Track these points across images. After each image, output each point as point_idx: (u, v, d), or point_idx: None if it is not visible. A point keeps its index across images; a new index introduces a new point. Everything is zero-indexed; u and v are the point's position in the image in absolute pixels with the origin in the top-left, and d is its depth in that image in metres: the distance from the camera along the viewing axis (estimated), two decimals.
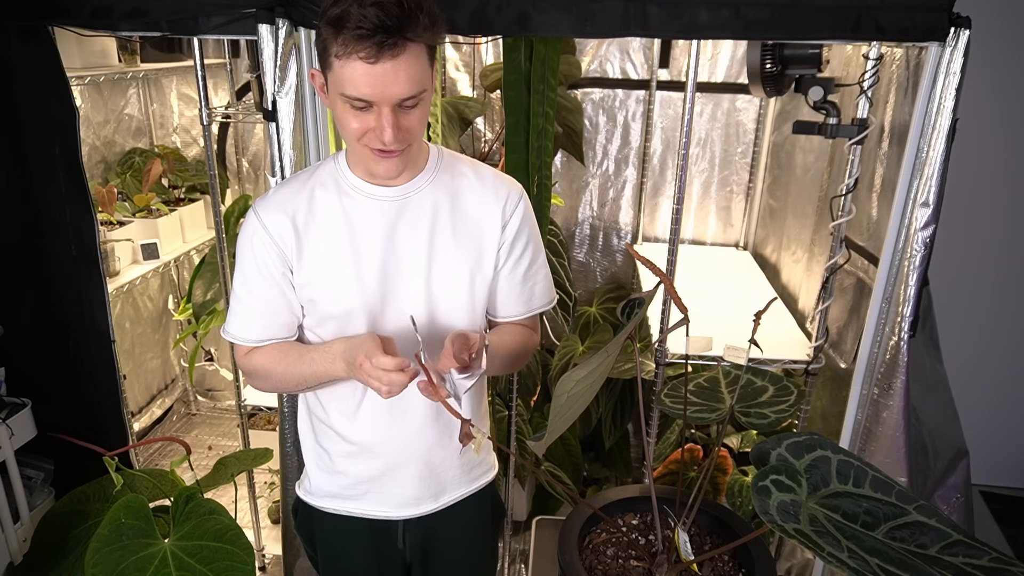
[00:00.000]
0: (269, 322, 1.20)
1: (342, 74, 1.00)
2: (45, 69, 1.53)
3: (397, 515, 1.30)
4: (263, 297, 1.18)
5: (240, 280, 1.19)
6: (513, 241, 1.21)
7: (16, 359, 1.68)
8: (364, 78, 0.99)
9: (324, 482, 1.31)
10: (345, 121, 1.05)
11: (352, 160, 1.16)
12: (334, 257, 1.15)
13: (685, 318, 1.19)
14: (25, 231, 1.62)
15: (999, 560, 0.95)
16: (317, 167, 1.20)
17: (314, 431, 1.31)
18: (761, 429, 1.45)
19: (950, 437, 1.68)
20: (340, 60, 0.99)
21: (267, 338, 1.21)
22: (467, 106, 2.53)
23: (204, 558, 1.34)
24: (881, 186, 1.69)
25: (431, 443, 1.26)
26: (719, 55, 2.59)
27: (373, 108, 1.02)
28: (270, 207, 1.15)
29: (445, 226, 1.16)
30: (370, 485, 1.28)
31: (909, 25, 1.35)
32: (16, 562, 1.57)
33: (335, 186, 1.16)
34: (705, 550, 1.34)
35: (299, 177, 1.19)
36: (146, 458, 2.89)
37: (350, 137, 1.07)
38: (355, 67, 0.98)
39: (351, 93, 1.01)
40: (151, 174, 2.65)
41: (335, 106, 1.06)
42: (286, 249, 1.15)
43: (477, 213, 1.18)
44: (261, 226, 1.15)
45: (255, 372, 1.23)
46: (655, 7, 1.37)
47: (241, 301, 1.20)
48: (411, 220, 1.15)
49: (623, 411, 2.47)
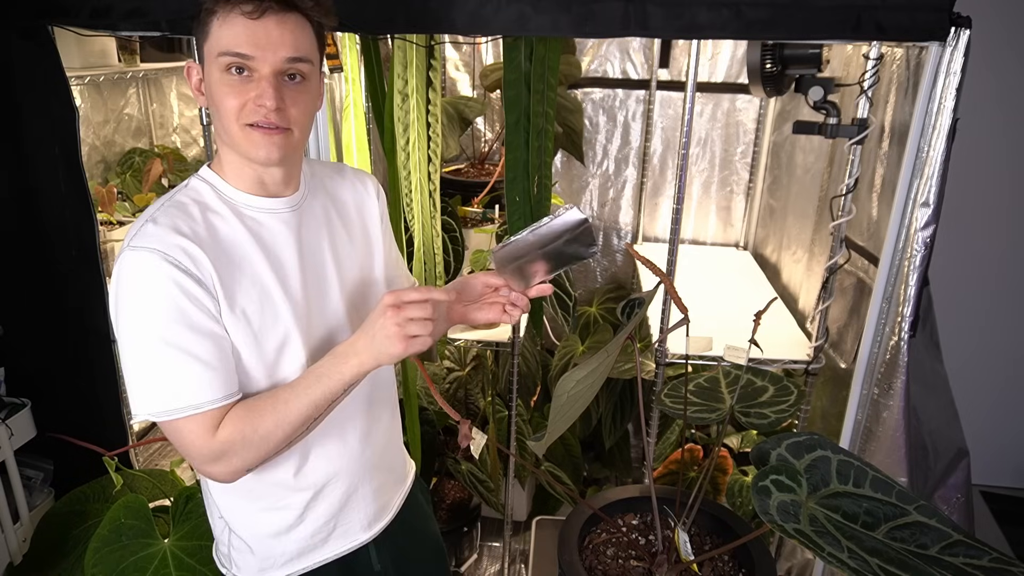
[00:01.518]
0: (228, 370, 0.98)
1: (220, 33, 0.94)
2: (45, 69, 1.53)
3: (365, 538, 1.21)
4: (211, 340, 0.96)
5: (160, 343, 0.93)
6: (384, 222, 1.22)
7: (16, 359, 1.68)
8: (244, 33, 0.94)
9: (279, 548, 1.14)
10: (221, 98, 0.96)
11: (231, 172, 1.03)
12: (262, 287, 1.01)
13: (685, 318, 1.19)
14: (25, 231, 1.62)
15: (999, 560, 0.94)
16: (180, 197, 1.01)
17: (249, 503, 1.12)
18: (761, 429, 1.45)
19: (950, 437, 1.68)
20: (220, 19, 0.95)
21: (234, 392, 0.98)
22: (467, 106, 2.53)
23: (204, 558, 1.33)
24: (881, 186, 1.69)
25: (375, 448, 1.21)
26: (719, 55, 2.59)
27: (253, 79, 0.96)
28: (169, 243, 0.94)
29: (337, 227, 1.13)
30: (336, 521, 1.17)
31: (909, 25, 1.35)
32: (16, 562, 1.57)
33: (228, 209, 1.02)
34: (705, 550, 1.34)
35: (171, 209, 0.98)
36: (146, 458, 2.89)
37: (228, 117, 0.97)
38: (235, 22, 0.94)
39: (227, 50, 0.94)
40: (151, 174, 2.65)
41: (211, 86, 0.97)
42: (211, 286, 0.96)
43: (358, 204, 1.18)
44: (170, 262, 0.93)
45: (233, 444, 0.96)
46: (655, 7, 1.37)
47: (180, 362, 0.94)
48: (311, 229, 1.09)
49: (623, 411, 2.47)
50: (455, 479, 2.35)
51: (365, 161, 1.73)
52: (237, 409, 0.98)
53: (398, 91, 1.65)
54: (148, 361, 0.94)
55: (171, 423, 0.96)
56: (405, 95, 1.66)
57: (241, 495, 1.11)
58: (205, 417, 0.95)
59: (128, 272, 0.94)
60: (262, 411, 0.97)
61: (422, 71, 1.65)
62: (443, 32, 1.51)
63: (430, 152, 1.73)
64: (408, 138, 1.69)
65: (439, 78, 1.72)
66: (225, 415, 0.97)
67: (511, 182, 1.66)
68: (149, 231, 0.95)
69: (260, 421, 0.97)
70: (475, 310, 1.16)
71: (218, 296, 0.97)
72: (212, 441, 0.96)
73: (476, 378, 2.45)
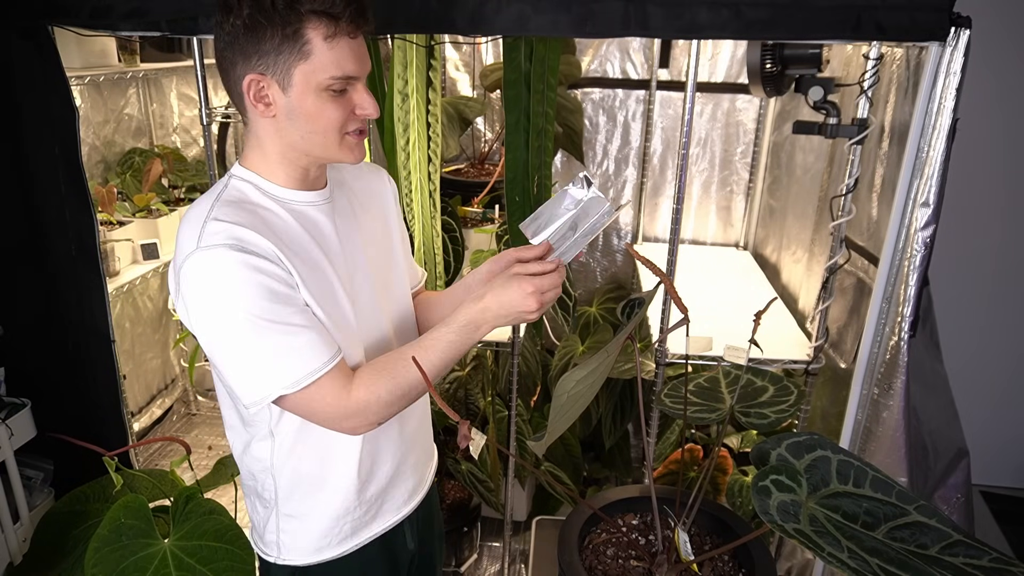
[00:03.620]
0: (325, 331, 1.03)
1: (329, 57, 0.97)
2: (45, 69, 1.53)
3: (406, 511, 1.27)
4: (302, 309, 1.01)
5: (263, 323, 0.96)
6: (397, 211, 1.27)
7: (16, 359, 1.68)
8: (352, 56, 0.99)
9: (336, 528, 1.19)
10: (323, 115, 1.00)
11: (277, 170, 1.05)
12: (321, 273, 1.05)
13: (685, 318, 1.18)
14: (25, 231, 1.62)
15: (999, 560, 0.94)
16: (226, 196, 1.03)
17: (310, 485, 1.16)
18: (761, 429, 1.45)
19: (950, 437, 1.68)
20: (328, 43, 0.97)
21: (340, 351, 1.03)
22: (467, 106, 2.53)
23: (204, 558, 1.33)
24: (881, 186, 1.69)
25: (414, 423, 1.26)
26: (719, 55, 2.59)
27: (346, 91, 1.01)
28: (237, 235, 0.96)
29: (362, 217, 1.17)
30: (384, 497, 1.22)
31: (909, 25, 1.35)
32: (16, 562, 1.57)
33: (275, 204, 1.05)
34: (705, 550, 1.34)
35: (225, 208, 1.00)
36: (146, 458, 2.89)
37: (330, 130, 1.01)
38: (343, 45, 0.98)
39: (341, 74, 0.98)
40: (151, 174, 2.65)
41: (306, 104, 0.99)
42: (286, 266, 1.00)
43: (375, 195, 1.22)
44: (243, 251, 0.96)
45: (369, 404, 1.02)
46: (655, 7, 1.37)
47: (289, 334, 0.98)
48: (344, 218, 1.13)
49: (623, 411, 2.47)
50: (455, 479, 2.35)
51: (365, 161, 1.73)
52: (365, 369, 1.05)
53: (398, 91, 1.65)
54: (257, 343, 0.97)
55: (303, 392, 1.00)
56: (405, 95, 1.66)
57: (301, 478, 1.15)
58: (331, 377, 1.00)
59: (207, 270, 0.96)
60: (395, 369, 1.03)
61: (422, 71, 1.65)
62: (443, 32, 1.51)
63: (430, 152, 1.73)
64: (408, 138, 1.69)
65: (439, 78, 1.72)
66: (358, 372, 1.04)
67: (511, 182, 1.66)
68: (214, 229, 0.97)
69: (395, 376, 1.03)
70: None
71: (293, 275, 1.01)
72: (348, 400, 1.01)
73: (476, 378, 2.45)
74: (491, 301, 1.06)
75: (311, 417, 1.05)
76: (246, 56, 0.98)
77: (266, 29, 0.95)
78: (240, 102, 1.03)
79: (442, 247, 1.90)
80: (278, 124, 1.02)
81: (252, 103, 1.00)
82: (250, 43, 0.97)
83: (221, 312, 0.97)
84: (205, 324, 0.99)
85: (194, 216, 1.00)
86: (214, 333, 0.99)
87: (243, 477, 1.23)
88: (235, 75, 1.00)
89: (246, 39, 0.97)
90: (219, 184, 1.06)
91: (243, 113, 1.05)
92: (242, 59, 0.98)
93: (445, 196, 2.05)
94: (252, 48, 0.97)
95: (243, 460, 1.19)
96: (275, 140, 1.03)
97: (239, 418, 1.15)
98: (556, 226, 1.09)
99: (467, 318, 1.06)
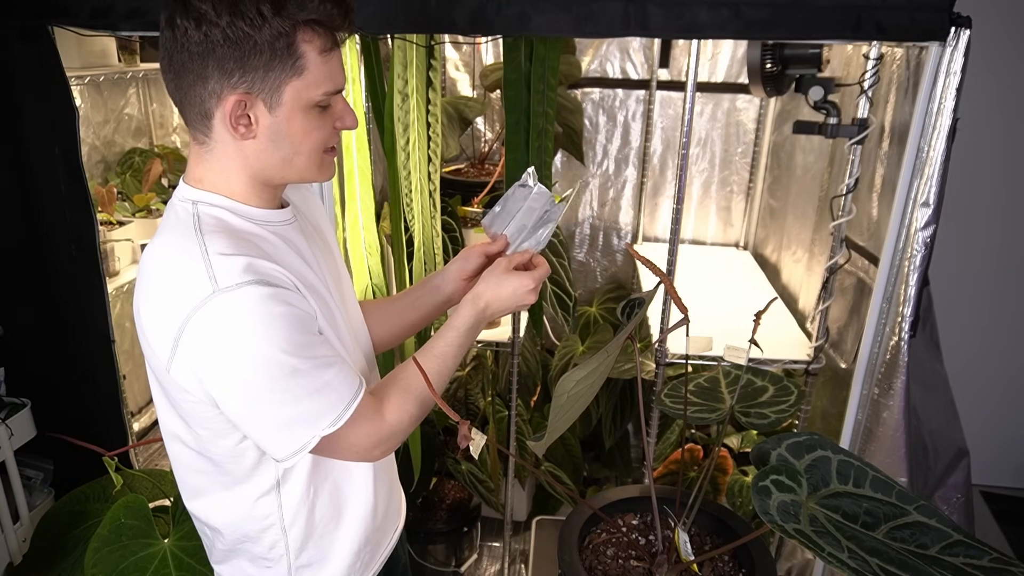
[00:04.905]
0: (347, 359, 0.99)
1: (323, 72, 0.89)
2: (45, 69, 1.53)
3: (399, 523, 1.24)
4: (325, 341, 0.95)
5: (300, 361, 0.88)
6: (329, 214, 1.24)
7: (16, 359, 1.68)
8: (339, 68, 0.92)
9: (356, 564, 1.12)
10: (310, 136, 0.92)
11: (248, 192, 0.95)
12: (316, 292, 0.98)
13: (685, 318, 1.18)
14: (25, 231, 1.61)
15: (999, 560, 0.95)
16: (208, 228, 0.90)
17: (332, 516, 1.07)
18: (761, 429, 1.45)
19: (950, 437, 1.68)
20: (323, 56, 0.88)
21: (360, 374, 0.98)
22: (467, 106, 2.53)
23: (204, 558, 1.33)
24: (881, 186, 1.69)
25: None
26: (719, 55, 2.59)
27: (330, 105, 0.93)
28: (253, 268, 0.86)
29: (311, 230, 1.08)
30: (387, 509, 1.18)
31: (909, 25, 1.35)
32: (16, 562, 1.57)
33: (255, 226, 0.95)
34: (705, 550, 1.34)
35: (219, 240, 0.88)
36: (146, 458, 2.89)
37: (314, 150, 0.93)
38: (337, 57, 0.91)
39: (334, 88, 0.91)
40: (151, 174, 2.65)
41: (294, 124, 0.90)
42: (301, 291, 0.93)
43: (312, 200, 1.15)
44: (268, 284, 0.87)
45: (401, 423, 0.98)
46: (655, 7, 1.37)
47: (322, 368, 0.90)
48: (309, 235, 1.05)
49: (623, 411, 2.47)
50: (455, 479, 2.35)
51: (365, 161, 1.73)
52: (388, 390, 1.00)
53: (398, 91, 1.65)
54: (295, 385, 0.88)
55: (342, 428, 0.92)
56: (405, 95, 1.66)
57: (316, 523, 1.05)
58: (364, 404, 0.94)
59: (237, 313, 0.84)
60: (417, 386, 1.00)
61: (422, 71, 1.65)
62: (443, 32, 1.51)
63: (430, 152, 1.73)
64: (408, 138, 1.69)
65: (439, 78, 1.72)
66: (381, 394, 0.99)
67: (511, 182, 1.66)
68: (227, 266, 0.85)
69: (420, 397, 0.99)
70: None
71: (310, 301, 0.94)
72: (383, 425, 0.96)
73: (476, 378, 2.45)
74: (491, 298, 1.08)
75: (341, 453, 0.96)
76: (224, 72, 0.85)
77: (252, 42, 0.84)
78: (205, 121, 0.90)
79: (442, 247, 1.90)
80: (258, 146, 0.90)
81: (230, 125, 0.88)
82: (230, 57, 0.84)
83: (254, 358, 0.85)
84: (232, 375, 0.86)
85: (179, 255, 0.87)
86: (244, 384, 0.87)
87: (220, 543, 1.07)
88: (204, 91, 0.87)
89: (225, 52, 0.84)
90: (184, 213, 0.91)
91: (204, 132, 0.91)
92: (217, 75, 0.85)
93: (445, 196, 2.05)
94: (233, 63, 0.84)
95: (228, 525, 1.04)
96: (248, 163, 0.92)
97: (222, 479, 1.00)
98: (512, 222, 1.17)
99: (470, 320, 1.06)
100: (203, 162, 0.93)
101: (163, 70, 0.90)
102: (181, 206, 0.93)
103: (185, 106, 0.90)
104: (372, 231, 1.80)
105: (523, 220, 1.17)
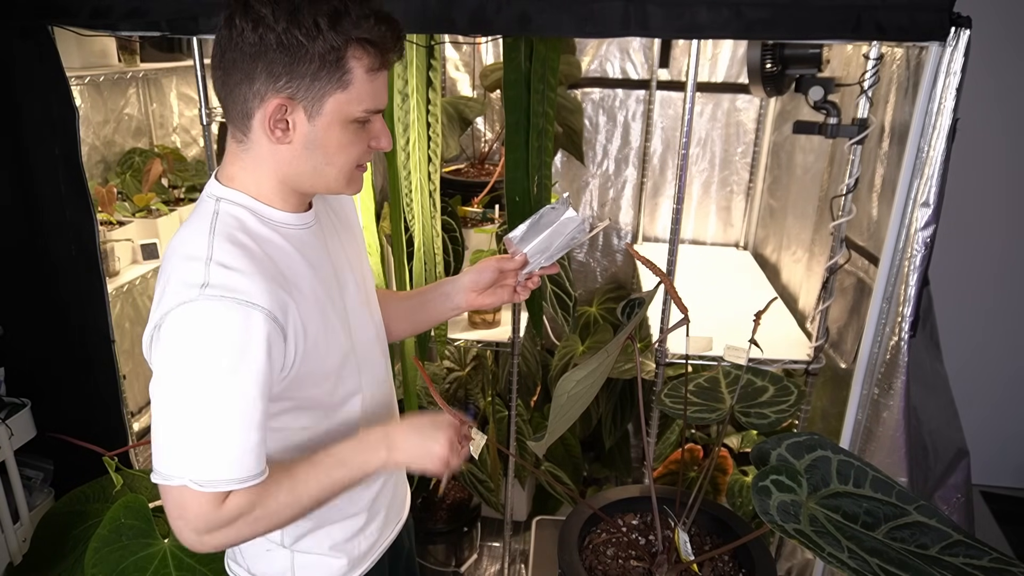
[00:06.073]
0: (261, 443, 0.91)
1: (368, 90, 0.91)
2: (45, 69, 1.53)
3: (403, 516, 1.26)
4: (262, 413, 0.90)
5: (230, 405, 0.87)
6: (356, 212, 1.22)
7: (16, 359, 1.68)
8: (383, 88, 0.94)
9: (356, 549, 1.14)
10: (344, 150, 0.94)
11: (275, 195, 0.97)
12: (320, 307, 0.98)
13: (685, 318, 1.19)
14: (25, 231, 1.61)
15: (999, 560, 0.95)
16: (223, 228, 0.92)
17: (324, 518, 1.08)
18: (761, 429, 1.45)
19: (950, 437, 1.68)
20: (370, 75, 0.90)
21: (264, 468, 0.92)
22: (467, 106, 2.53)
23: (204, 558, 1.33)
24: (881, 186, 1.69)
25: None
26: (719, 55, 2.59)
27: (369, 122, 0.95)
28: (263, 290, 0.88)
29: (340, 228, 1.11)
30: (388, 505, 1.19)
31: (909, 25, 1.35)
32: (16, 562, 1.57)
33: (272, 232, 0.96)
34: (705, 550, 1.34)
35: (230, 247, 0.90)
36: (146, 458, 2.88)
37: (348, 164, 0.95)
38: (383, 78, 0.93)
39: (375, 107, 0.93)
40: (151, 174, 2.65)
41: (331, 136, 0.92)
42: (294, 332, 0.93)
43: (345, 200, 1.16)
44: (269, 317, 0.88)
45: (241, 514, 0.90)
46: (655, 7, 1.37)
47: (244, 430, 0.88)
48: (330, 235, 1.07)
49: (623, 411, 2.47)
50: (455, 479, 2.35)
51: None
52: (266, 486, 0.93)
53: (398, 91, 1.65)
54: (215, 425, 0.87)
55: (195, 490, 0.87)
56: (405, 95, 1.66)
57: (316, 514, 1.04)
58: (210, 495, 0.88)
59: (205, 323, 0.85)
60: (277, 485, 0.93)
61: (422, 71, 1.65)
62: (443, 32, 1.51)
63: (430, 152, 1.73)
64: (408, 138, 1.69)
65: (439, 78, 1.72)
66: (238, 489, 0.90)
67: (511, 182, 1.66)
68: (220, 279, 0.86)
69: (273, 496, 0.92)
70: (488, 295, 1.21)
71: (298, 337, 0.93)
72: (220, 511, 0.88)
73: (476, 378, 2.44)
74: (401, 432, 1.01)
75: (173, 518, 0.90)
76: (272, 75, 0.87)
77: (304, 50, 0.86)
78: (245, 121, 0.92)
79: (442, 247, 1.90)
80: (292, 152, 0.92)
81: (268, 127, 0.90)
82: (280, 62, 0.86)
83: (200, 371, 0.86)
84: (176, 371, 0.87)
85: (190, 253, 0.89)
86: (181, 386, 0.87)
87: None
88: (248, 91, 0.89)
89: (276, 57, 0.86)
90: (207, 210, 0.94)
91: (243, 131, 0.93)
92: (264, 76, 0.88)
93: (445, 196, 2.05)
94: (282, 68, 0.87)
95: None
96: (279, 167, 0.94)
97: None
98: (537, 241, 1.17)
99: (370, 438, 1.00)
100: (238, 160, 0.96)
101: (213, 67, 0.93)
102: (207, 201, 0.96)
103: (228, 104, 0.93)
104: (372, 231, 1.80)
105: (548, 241, 1.15)
